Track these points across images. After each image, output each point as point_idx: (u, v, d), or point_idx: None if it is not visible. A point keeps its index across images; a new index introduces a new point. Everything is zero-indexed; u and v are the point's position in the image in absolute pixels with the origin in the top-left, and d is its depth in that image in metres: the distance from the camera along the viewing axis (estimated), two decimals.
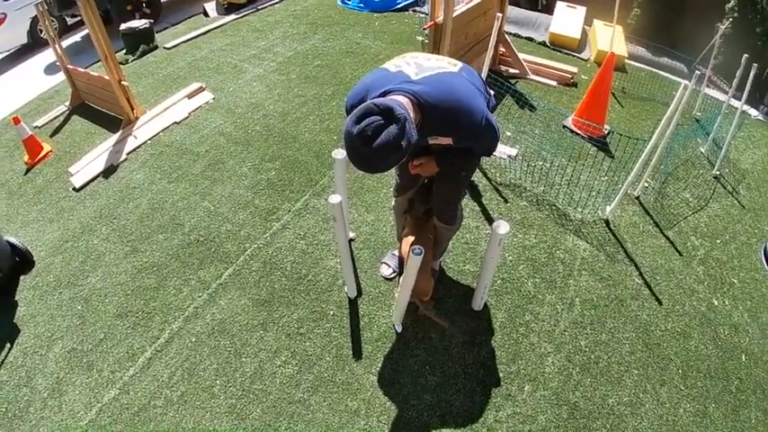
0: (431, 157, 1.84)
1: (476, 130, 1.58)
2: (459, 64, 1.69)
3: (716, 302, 2.61)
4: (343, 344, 2.32)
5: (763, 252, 2.91)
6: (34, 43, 6.44)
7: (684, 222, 3.06)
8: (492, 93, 1.93)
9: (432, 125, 1.55)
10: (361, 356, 2.27)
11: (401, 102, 1.43)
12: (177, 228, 3.00)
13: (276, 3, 6.30)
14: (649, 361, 2.30)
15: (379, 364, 2.23)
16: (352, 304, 2.48)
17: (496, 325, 2.39)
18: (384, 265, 2.63)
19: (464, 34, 3.70)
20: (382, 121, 1.31)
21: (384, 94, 1.48)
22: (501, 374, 2.20)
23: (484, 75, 3.40)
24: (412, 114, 1.43)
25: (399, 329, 2.34)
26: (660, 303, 2.55)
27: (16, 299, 2.76)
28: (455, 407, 2.09)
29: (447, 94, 1.52)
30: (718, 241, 2.97)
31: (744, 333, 2.48)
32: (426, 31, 3.36)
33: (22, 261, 2.90)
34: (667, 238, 2.92)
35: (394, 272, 2.59)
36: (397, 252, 2.63)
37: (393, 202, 2.34)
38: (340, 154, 2.26)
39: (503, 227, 1.93)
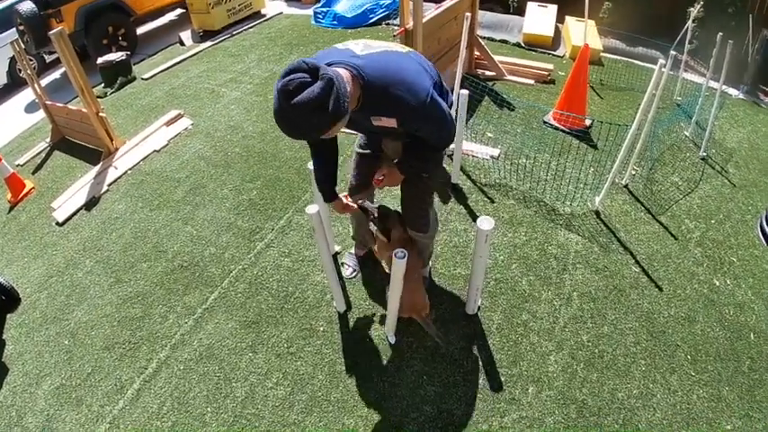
0: (392, 167, 1.80)
1: (420, 110, 1.51)
2: (409, 48, 1.67)
3: (717, 283, 2.53)
4: (336, 360, 2.23)
5: (759, 227, 2.85)
6: (14, 83, 6.45)
7: (676, 206, 3.00)
8: (452, 93, 1.90)
9: (373, 102, 1.50)
10: (355, 372, 2.17)
11: (339, 73, 1.38)
12: (161, 255, 2.93)
13: (251, 27, 6.35)
14: (656, 350, 2.21)
15: (375, 379, 2.13)
16: (342, 318, 2.39)
17: (493, 327, 2.30)
18: (344, 265, 2.63)
19: (436, 39, 3.70)
20: (308, 79, 1.26)
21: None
22: (503, 378, 2.11)
23: (459, 75, 3.39)
24: (350, 87, 1.39)
25: (393, 340, 2.25)
26: (660, 290, 2.48)
27: (3, 337, 2.68)
28: (457, 416, 1.99)
29: (390, 70, 1.49)
30: (713, 221, 2.91)
31: (749, 311, 2.40)
32: (398, 39, 3.35)
33: (7, 299, 2.83)
34: (661, 224, 2.86)
35: (354, 270, 2.60)
36: (353, 251, 2.66)
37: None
38: None
39: (486, 223, 1.86)
